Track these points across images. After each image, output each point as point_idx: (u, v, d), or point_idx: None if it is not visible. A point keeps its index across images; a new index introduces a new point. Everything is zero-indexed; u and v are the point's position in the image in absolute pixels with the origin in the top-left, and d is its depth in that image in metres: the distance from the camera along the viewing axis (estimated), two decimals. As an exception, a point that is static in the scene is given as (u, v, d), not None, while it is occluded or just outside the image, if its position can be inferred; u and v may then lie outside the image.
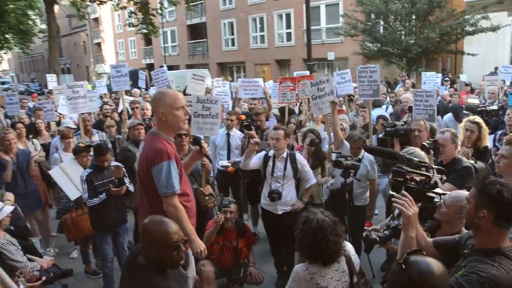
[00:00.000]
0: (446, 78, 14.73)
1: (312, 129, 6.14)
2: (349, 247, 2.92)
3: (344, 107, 8.59)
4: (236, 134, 6.43)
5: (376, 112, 7.52)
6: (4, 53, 42.19)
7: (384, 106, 9.39)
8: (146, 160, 3.07)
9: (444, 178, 2.92)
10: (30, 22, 35.53)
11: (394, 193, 2.31)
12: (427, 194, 2.48)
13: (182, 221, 2.99)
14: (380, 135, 5.60)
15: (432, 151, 3.91)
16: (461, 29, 18.45)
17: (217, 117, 5.26)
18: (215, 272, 4.73)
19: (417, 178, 2.51)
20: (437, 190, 2.55)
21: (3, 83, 46.18)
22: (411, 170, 2.56)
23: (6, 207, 4.08)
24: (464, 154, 4.51)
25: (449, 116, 7.36)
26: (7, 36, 33.37)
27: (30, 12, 34.33)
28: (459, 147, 4.23)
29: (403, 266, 1.81)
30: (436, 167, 2.84)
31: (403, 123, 5.78)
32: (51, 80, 13.36)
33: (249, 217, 6.88)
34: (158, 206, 3.05)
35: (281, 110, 8.02)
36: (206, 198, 5.13)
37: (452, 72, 21.73)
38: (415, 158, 2.89)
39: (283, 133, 4.85)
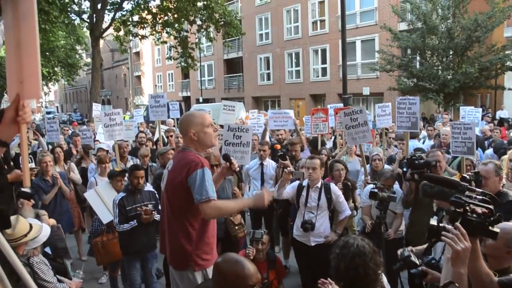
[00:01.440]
0: (489, 114, 14.27)
1: (338, 159, 6.04)
2: (384, 279, 2.77)
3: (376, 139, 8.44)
4: (270, 164, 6.38)
5: (412, 144, 7.33)
6: (52, 85, 44.63)
7: (421, 141, 9.17)
8: (180, 173, 3.04)
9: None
10: (77, 56, 37.64)
11: (445, 226, 2.16)
12: (489, 228, 2.22)
13: (230, 210, 3.05)
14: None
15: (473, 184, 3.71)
16: (501, 64, 17.96)
17: (248, 145, 5.26)
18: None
19: (479, 210, 2.33)
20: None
21: (48, 112, 48.44)
22: (472, 201, 2.39)
23: (45, 230, 4.12)
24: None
25: (490, 151, 7.10)
26: (56, 69, 35.45)
27: (77, 47, 36.48)
28: (503, 180, 4.02)
29: None
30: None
31: None
32: (96, 108, 13.81)
33: (280, 249, 6.71)
34: (187, 225, 3.02)
35: (312, 141, 7.95)
36: (236, 227, 5.10)
37: (492, 108, 21.06)
38: (477, 189, 2.72)
39: (319, 163, 4.81)
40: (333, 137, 9.39)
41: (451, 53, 18.61)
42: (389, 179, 5.01)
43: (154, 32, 23.93)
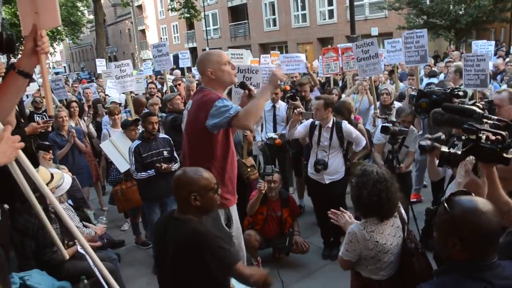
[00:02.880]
0: (503, 48, 13.81)
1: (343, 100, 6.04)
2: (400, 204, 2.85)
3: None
4: (282, 106, 6.38)
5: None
6: (57, 45, 44.30)
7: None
8: (199, 112, 3.05)
9: None
10: (79, 13, 37.08)
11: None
12: (502, 154, 2.17)
13: (258, 106, 3.02)
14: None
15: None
16: (519, -6, 17.24)
17: (258, 86, 5.23)
18: (260, 242, 4.79)
19: (492, 137, 2.33)
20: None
21: (57, 73, 48.38)
22: (484, 128, 2.38)
23: (67, 178, 4.29)
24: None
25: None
26: (59, 28, 35.06)
27: (78, 4, 35.87)
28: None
29: (446, 206, 1.69)
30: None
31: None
32: (100, 64, 13.85)
33: (294, 190, 6.86)
34: (209, 165, 3.04)
35: (323, 83, 7.90)
36: (248, 169, 5.15)
37: (507, 43, 20.41)
38: (493, 117, 2.72)
39: (322, 103, 4.74)
40: (342, 79, 9.30)
41: (463, -15, 17.86)
42: (409, 115, 4.99)
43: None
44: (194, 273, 2.37)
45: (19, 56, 2.32)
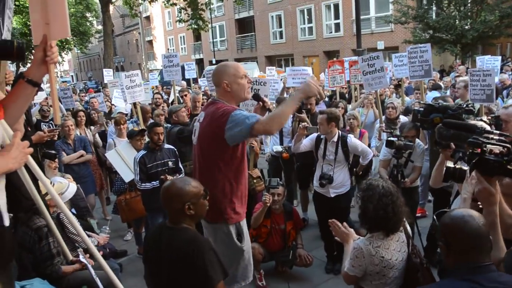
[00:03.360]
0: (509, 63, 13.79)
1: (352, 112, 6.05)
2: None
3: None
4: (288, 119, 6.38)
5: (433, 95, 7.24)
6: (65, 54, 44.82)
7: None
8: (215, 123, 2.96)
9: None
10: (88, 24, 37.57)
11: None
12: (507, 167, 2.20)
13: (285, 113, 2.91)
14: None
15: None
16: (524, 10, 17.21)
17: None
18: (263, 255, 4.76)
19: (496, 151, 2.33)
20: None
21: (64, 82, 48.90)
22: (489, 141, 2.39)
23: (72, 186, 4.31)
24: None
25: (512, 100, 6.99)
26: (68, 38, 35.52)
27: (87, 14, 36.36)
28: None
29: (435, 218, 1.91)
30: None
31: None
32: (107, 74, 13.96)
33: (298, 203, 6.83)
34: (222, 177, 3.00)
35: (330, 96, 7.92)
36: (254, 181, 5.13)
37: (513, 58, 20.40)
38: (495, 131, 2.72)
39: (325, 118, 4.74)
40: (348, 91, 9.32)
41: (469, 0, 17.89)
42: (411, 129, 4.95)
43: (163, -6, 23.58)
44: (191, 282, 2.36)
45: (29, 65, 2.36)
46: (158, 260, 2.46)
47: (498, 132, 2.68)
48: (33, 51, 2.25)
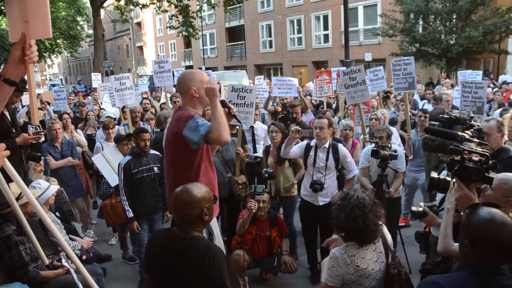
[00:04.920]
0: (486, 78, 14.09)
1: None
2: (385, 229, 2.84)
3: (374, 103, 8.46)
4: (259, 127, 6.46)
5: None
6: (55, 57, 44.43)
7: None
8: (175, 129, 3.08)
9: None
10: (79, 28, 37.33)
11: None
12: (485, 174, 2.32)
13: (219, 116, 2.99)
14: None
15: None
16: (506, 27, 17.60)
17: (251, 106, 5.28)
18: (249, 262, 4.74)
19: (475, 158, 2.39)
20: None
21: (53, 85, 48.39)
22: (469, 149, 2.45)
23: (52, 187, 4.29)
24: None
25: (499, 111, 7.13)
26: (58, 41, 35.25)
27: (78, 18, 36.15)
28: (505, 136, 4.04)
29: (468, 213, 1.91)
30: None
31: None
32: (96, 78, 13.90)
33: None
34: (183, 177, 3.05)
35: (317, 105, 8.00)
36: (240, 187, 5.14)
37: (495, 73, 20.82)
38: (475, 139, 2.80)
39: (327, 122, 4.78)
40: (336, 101, 9.42)
41: (454, 16, 18.29)
42: (380, 130, 5.11)
43: (154, 1, 23.53)
44: None
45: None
46: (170, 270, 2.40)
47: (477, 140, 2.77)
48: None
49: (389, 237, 2.86)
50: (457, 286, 1.83)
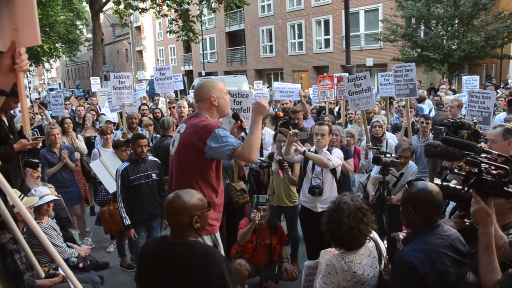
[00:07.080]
0: (488, 84, 14.03)
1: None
2: (374, 235, 2.82)
3: (382, 110, 8.41)
4: (267, 132, 6.40)
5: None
6: (54, 61, 44.44)
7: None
8: (196, 136, 3.04)
9: None
10: (78, 32, 37.37)
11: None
12: (504, 188, 2.17)
13: (255, 137, 3.00)
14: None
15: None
16: (508, 32, 17.64)
17: (248, 111, 5.20)
18: (250, 271, 4.70)
19: (494, 171, 2.31)
20: None
21: (51, 89, 48.37)
22: (487, 161, 2.36)
23: (49, 196, 4.22)
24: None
25: (503, 114, 7.06)
26: (56, 45, 35.26)
27: (77, 22, 36.18)
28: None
29: (407, 186, 2.43)
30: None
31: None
32: (95, 82, 13.86)
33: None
34: (197, 189, 2.97)
35: (319, 110, 7.95)
36: (238, 193, 5.09)
37: (497, 78, 20.83)
38: (493, 151, 2.71)
39: (327, 129, 4.79)
40: (337, 107, 9.37)
41: (456, 21, 18.29)
42: (406, 150, 4.99)
43: (154, 5, 23.54)
44: None
45: None
46: (170, 277, 2.38)
47: (496, 152, 2.66)
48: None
49: (381, 243, 2.85)
50: (422, 251, 2.27)
